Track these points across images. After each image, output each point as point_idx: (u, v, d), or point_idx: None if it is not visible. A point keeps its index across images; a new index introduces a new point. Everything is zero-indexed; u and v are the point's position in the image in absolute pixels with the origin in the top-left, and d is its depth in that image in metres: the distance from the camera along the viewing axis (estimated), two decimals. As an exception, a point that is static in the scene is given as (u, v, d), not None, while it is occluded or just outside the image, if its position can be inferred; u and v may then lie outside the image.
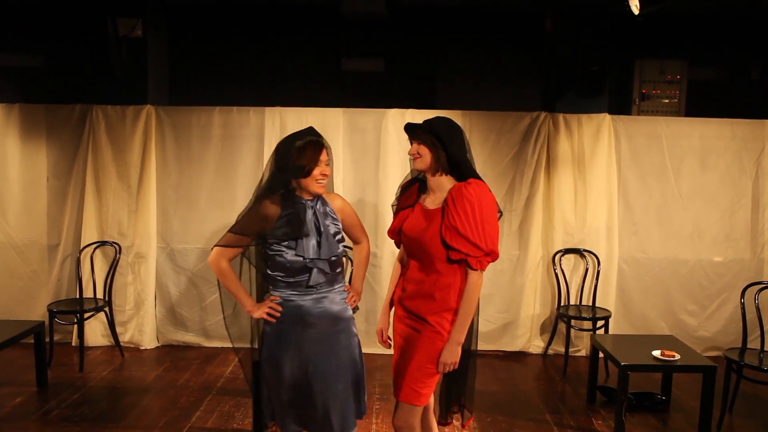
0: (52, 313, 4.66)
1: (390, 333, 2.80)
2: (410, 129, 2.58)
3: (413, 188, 2.68)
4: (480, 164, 5.06)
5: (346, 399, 2.56)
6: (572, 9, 5.33)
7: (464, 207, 2.41)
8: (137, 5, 5.15)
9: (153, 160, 5.07)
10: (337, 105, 5.10)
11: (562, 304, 5.05)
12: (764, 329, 4.07)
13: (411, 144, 2.58)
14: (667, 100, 5.73)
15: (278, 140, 4.92)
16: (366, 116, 5.07)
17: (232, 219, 5.03)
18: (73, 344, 5.08)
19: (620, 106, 5.79)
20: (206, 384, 4.42)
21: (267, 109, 5.06)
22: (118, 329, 5.03)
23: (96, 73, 5.22)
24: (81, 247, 4.99)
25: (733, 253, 5.15)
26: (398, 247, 2.75)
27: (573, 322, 4.85)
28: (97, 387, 4.34)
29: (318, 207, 2.57)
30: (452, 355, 2.49)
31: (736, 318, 4.72)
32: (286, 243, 2.47)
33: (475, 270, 2.45)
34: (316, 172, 2.51)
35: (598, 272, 5.02)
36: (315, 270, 2.49)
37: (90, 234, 5.06)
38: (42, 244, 5.14)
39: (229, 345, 5.18)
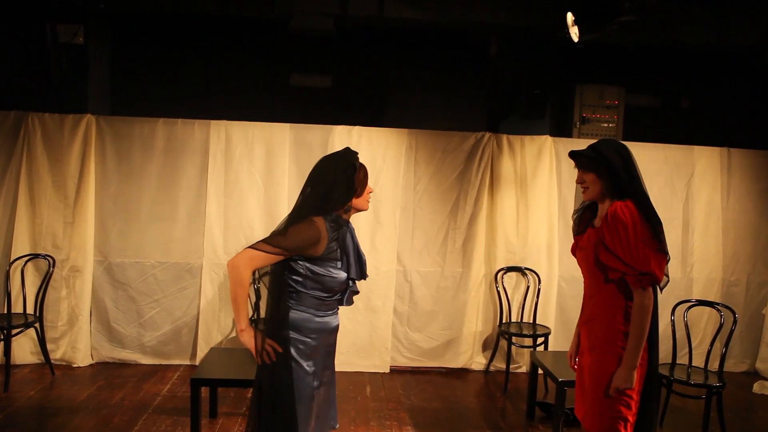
0: (-23, 329, 4.43)
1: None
2: (575, 157, 2.57)
3: (586, 213, 2.71)
4: (425, 182, 5.17)
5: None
6: (516, 34, 5.50)
7: (618, 229, 2.40)
8: (79, 12, 5.01)
9: (92, 171, 4.92)
10: (284, 120, 5.09)
11: (503, 321, 5.14)
12: (692, 345, 4.25)
13: (577, 171, 2.58)
14: (606, 124, 5.95)
15: (223, 154, 4.97)
16: (313, 132, 5.07)
17: (173, 232, 5.02)
18: None
19: (562, 128, 5.98)
20: (142, 402, 4.28)
21: (213, 122, 5.00)
22: (50, 346, 4.82)
23: (33, 80, 5.04)
24: (11, 260, 4.78)
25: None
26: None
27: (514, 339, 4.94)
28: (24, 407, 4.14)
29: (352, 229, 2.61)
30: (623, 381, 2.43)
31: (668, 335, 4.91)
32: (335, 264, 2.47)
33: (637, 289, 2.42)
34: (366, 191, 2.57)
35: (539, 290, 5.14)
36: (349, 290, 2.54)
37: (21, 246, 4.84)
38: (-31, 257, 4.89)
39: (167, 362, 5.05)
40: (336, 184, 2.46)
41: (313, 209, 2.45)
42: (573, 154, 2.60)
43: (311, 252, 2.41)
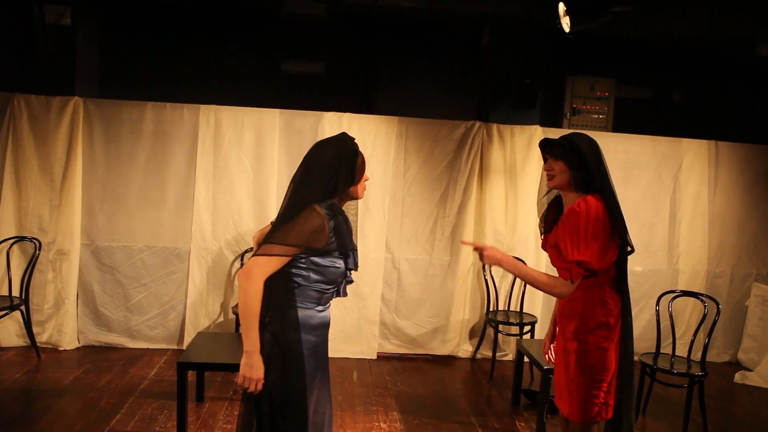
0: (-39, 312, 4.40)
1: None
2: (546, 146, 2.56)
3: (551, 210, 2.71)
4: (415, 170, 5.17)
5: None
6: (509, 24, 5.49)
7: (570, 221, 2.42)
8: (67, -7, 4.95)
9: (79, 154, 4.88)
10: (274, 106, 5.06)
11: (490, 309, 5.17)
12: (675, 335, 4.30)
13: (545, 161, 2.57)
14: (596, 116, 5.97)
15: (212, 139, 4.94)
16: (303, 118, 5.05)
17: (161, 217, 5.00)
18: (-15, 345, 4.81)
19: (552, 119, 5.99)
20: (129, 386, 4.28)
21: (202, 106, 4.97)
22: (35, 329, 4.80)
23: (19, 61, 4.95)
24: (-3, 243, 4.75)
25: (651, 263, 5.42)
26: None
27: (501, 327, 4.97)
28: (9, 390, 4.12)
29: (347, 217, 2.45)
30: (493, 259, 2.52)
31: (652, 325, 4.97)
32: (335, 253, 2.33)
33: (565, 280, 2.43)
34: (363, 179, 2.45)
35: (526, 279, 5.17)
36: (345, 281, 2.43)
37: (7, 229, 4.81)
38: (-47, 238, 4.85)
39: (154, 346, 5.04)
40: (339, 171, 2.32)
41: (313, 196, 2.28)
42: (544, 143, 2.59)
43: (317, 243, 2.27)
